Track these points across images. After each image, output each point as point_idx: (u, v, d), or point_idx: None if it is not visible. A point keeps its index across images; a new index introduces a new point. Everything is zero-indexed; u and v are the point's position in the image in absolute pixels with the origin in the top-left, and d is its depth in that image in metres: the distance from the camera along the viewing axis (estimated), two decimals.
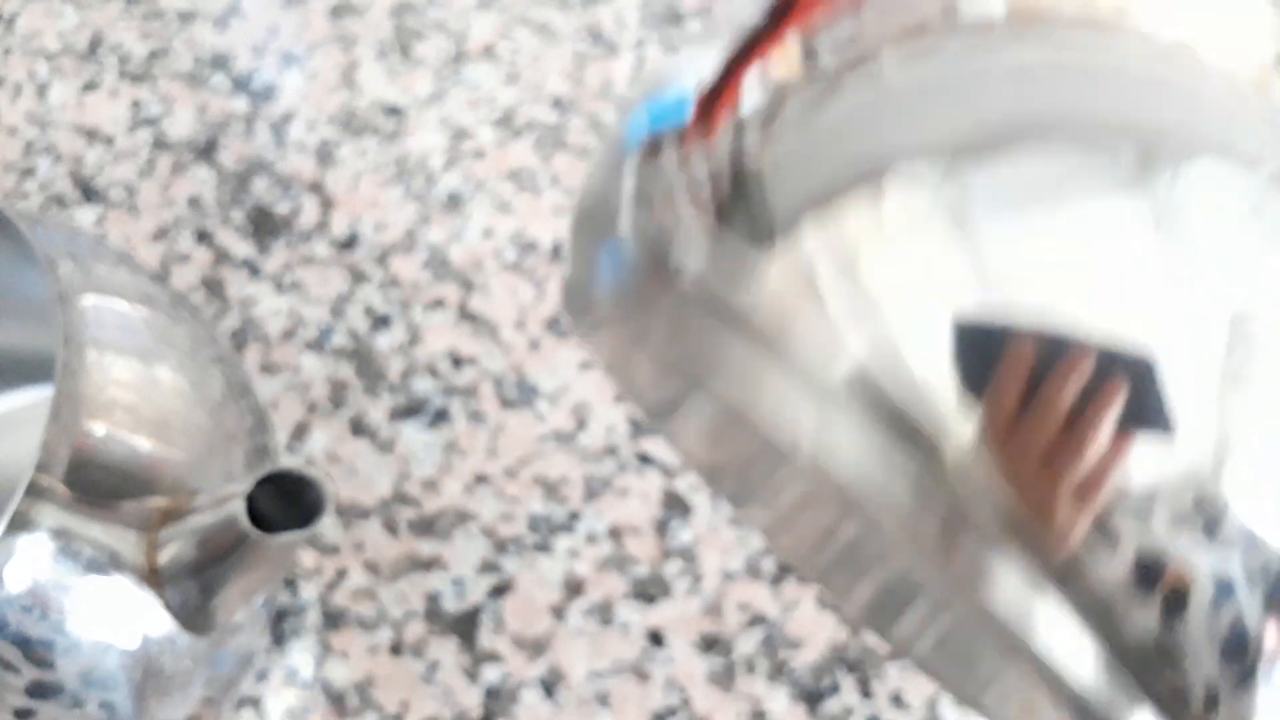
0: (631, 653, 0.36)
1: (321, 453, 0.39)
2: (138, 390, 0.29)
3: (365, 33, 0.48)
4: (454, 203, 0.44)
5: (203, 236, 0.44)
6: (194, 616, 0.28)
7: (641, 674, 0.36)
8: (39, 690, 0.27)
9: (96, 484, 0.27)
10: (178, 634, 0.28)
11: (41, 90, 0.48)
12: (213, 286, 0.43)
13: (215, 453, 0.31)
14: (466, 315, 0.42)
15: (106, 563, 0.27)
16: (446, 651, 0.36)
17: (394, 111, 0.46)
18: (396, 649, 0.36)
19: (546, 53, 0.47)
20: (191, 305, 0.35)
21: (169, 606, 0.28)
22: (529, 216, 0.43)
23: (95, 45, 0.49)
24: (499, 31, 0.48)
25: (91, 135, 0.46)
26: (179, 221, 0.44)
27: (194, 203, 0.44)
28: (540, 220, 0.43)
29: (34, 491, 0.25)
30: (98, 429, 0.27)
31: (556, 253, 0.42)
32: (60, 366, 0.27)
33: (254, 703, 0.36)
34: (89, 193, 0.45)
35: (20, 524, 0.25)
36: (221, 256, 0.43)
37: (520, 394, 0.40)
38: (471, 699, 0.35)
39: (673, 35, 0.47)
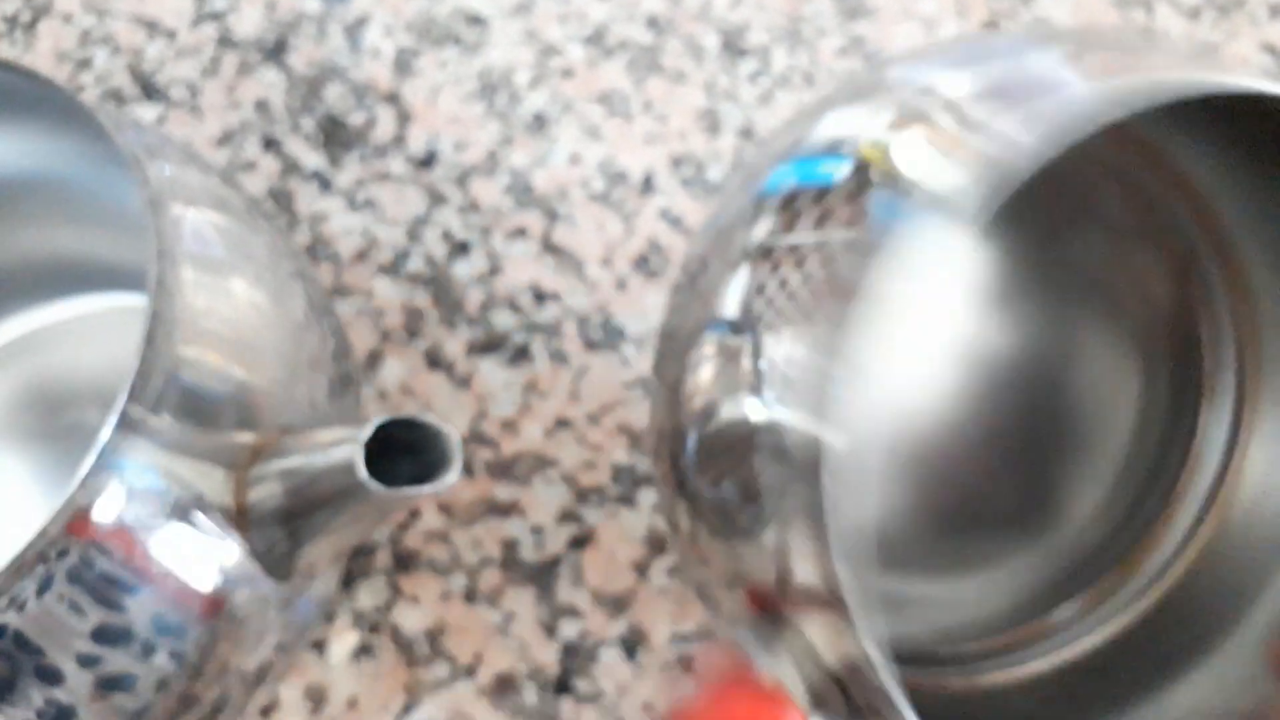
0: None
1: (395, 385, 0.37)
2: (226, 311, 0.27)
3: None
4: (539, 124, 0.41)
5: (270, 144, 0.41)
6: (279, 562, 0.26)
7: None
8: (105, 635, 0.25)
9: (187, 415, 0.25)
10: (260, 580, 0.26)
11: None
12: (280, 199, 0.40)
13: (299, 379, 0.29)
14: (550, 247, 0.39)
15: (192, 502, 0.25)
16: (523, 603, 0.34)
17: (477, 21, 0.43)
18: (470, 596, 0.34)
19: None
20: (269, 215, 0.32)
21: (254, 552, 0.26)
22: (619, 144, 0.41)
23: None
24: None
25: (152, 27, 0.43)
26: (245, 126, 0.41)
27: (261, 107, 0.42)
28: (631, 149, 0.40)
29: (125, 424, 0.23)
30: (189, 354, 0.25)
31: (647, 185, 0.40)
32: (154, 284, 0.24)
33: (318, 646, 0.34)
34: (149, 90, 0.42)
35: (110, 458, 0.23)
36: (290, 167, 0.40)
37: (605, 335, 0.38)
38: (549, 655, 0.34)
39: None
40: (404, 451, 0.24)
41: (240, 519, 0.26)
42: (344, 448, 0.23)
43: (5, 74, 0.28)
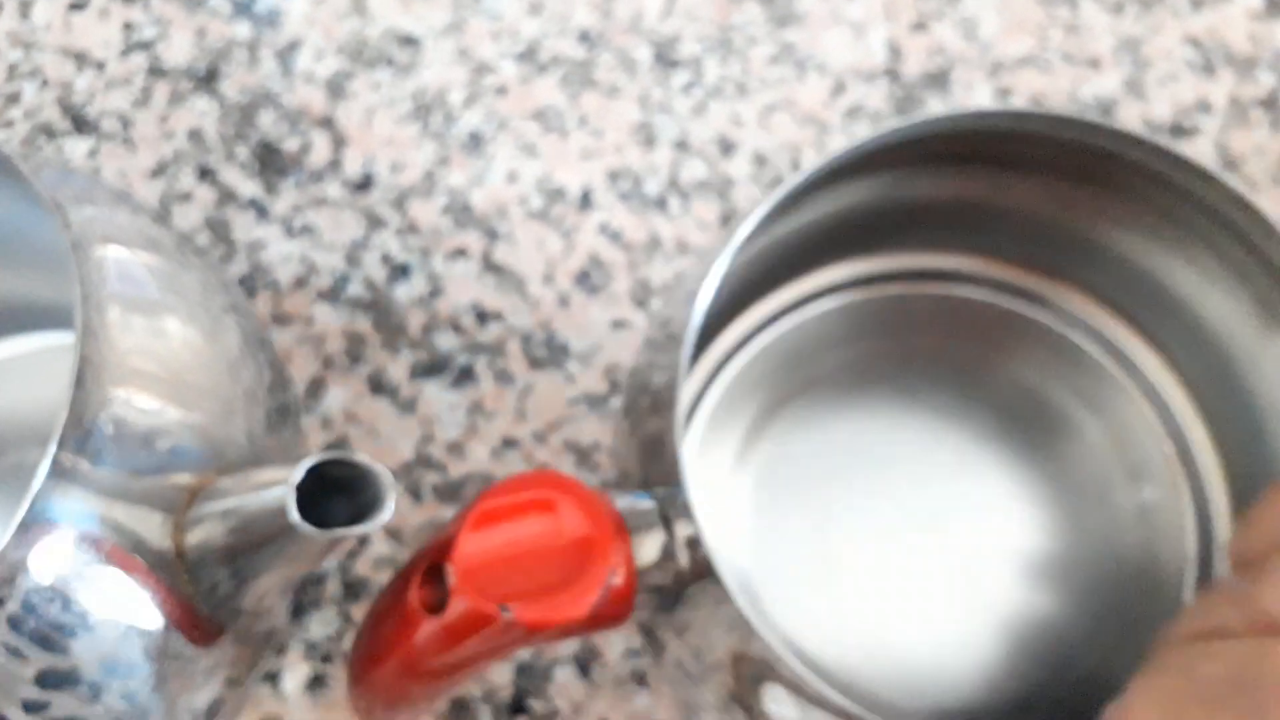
0: None
1: (339, 412, 0.37)
2: (158, 350, 0.27)
3: None
4: (475, 143, 0.41)
5: (205, 173, 0.41)
6: (221, 603, 0.26)
7: None
8: (51, 680, 0.25)
9: (120, 459, 0.25)
10: (205, 624, 0.26)
11: (24, 8, 0.44)
12: (217, 228, 0.40)
13: (235, 415, 0.29)
14: (491, 266, 0.39)
15: (130, 546, 0.25)
16: None
17: (409, 41, 0.43)
18: None
19: None
20: (199, 249, 0.32)
21: (199, 593, 0.26)
22: (556, 160, 0.41)
23: None
24: None
25: (81, 59, 0.43)
26: (179, 156, 0.41)
27: (195, 136, 0.41)
28: (568, 165, 0.41)
29: (57, 471, 0.23)
30: (120, 396, 0.25)
31: (585, 200, 0.40)
32: (80, 328, 0.24)
33: (272, 677, 0.34)
34: (79, 123, 0.42)
35: (42, 507, 0.23)
36: (226, 196, 0.40)
37: (549, 353, 0.38)
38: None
39: None
40: (340, 489, 0.24)
41: (179, 561, 0.26)
42: (276, 489, 0.23)
43: None
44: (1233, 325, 0.32)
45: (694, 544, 0.24)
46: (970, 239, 0.35)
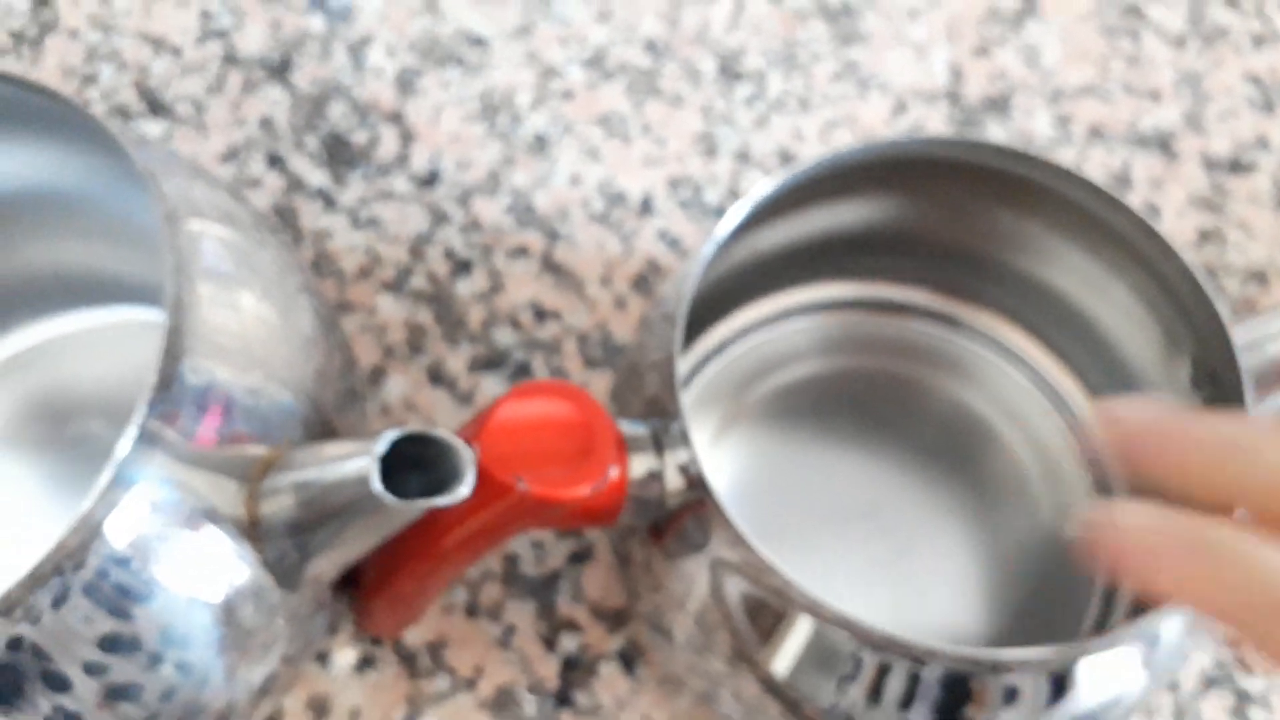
0: None
1: (398, 400, 0.38)
2: (236, 325, 0.28)
3: None
4: (540, 145, 0.42)
5: (275, 161, 0.42)
6: (289, 573, 0.27)
7: None
8: (113, 644, 0.26)
9: (200, 429, 0.26)
10: (270, 591, 0.27)
11: None
12: (285, 215, 0.41)
13: (306, 392, 0.29)
14: (550, 266, 0.40)
15: (205, 513, 0.25)
16: (523, 616, 0.35)
17: (478, 42, 0.44)
18: (471, 610, 0.35)
19: None
20: (275, 227, 0.33)
21: (265, 562, 0.26)
22: (618, 165, 0.41)
23: None
24: None
25: (158, 44, 0.44)
26: (250, 143, 0.42)
27: (266, 124, 0.42)
28: (629, 171, 0.41)
29: (143, 437, 0.24)
30: (203, 368, 0.26)
31: (646, 206, 0.41)
32: (171, 300, 0.25)
33: (322, 657, 0.34)
34: (155, 106, 0.43)
35: (126, 470, 0.24)
36: (295, 184, 0.41)
37: (605, 353, 0.38)
38: (549, 668, 0.34)
39: None
40: (412, 466, 0.24)
41: (252, 530, 0.26)
42: (358, 460, 0.23)
43: (19, 90, 0.28)
44: (1142, 352, 0.34)
45: (685, 468, 0.27)
46: (907, 269, 0.37)
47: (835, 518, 0.35)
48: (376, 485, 0.22)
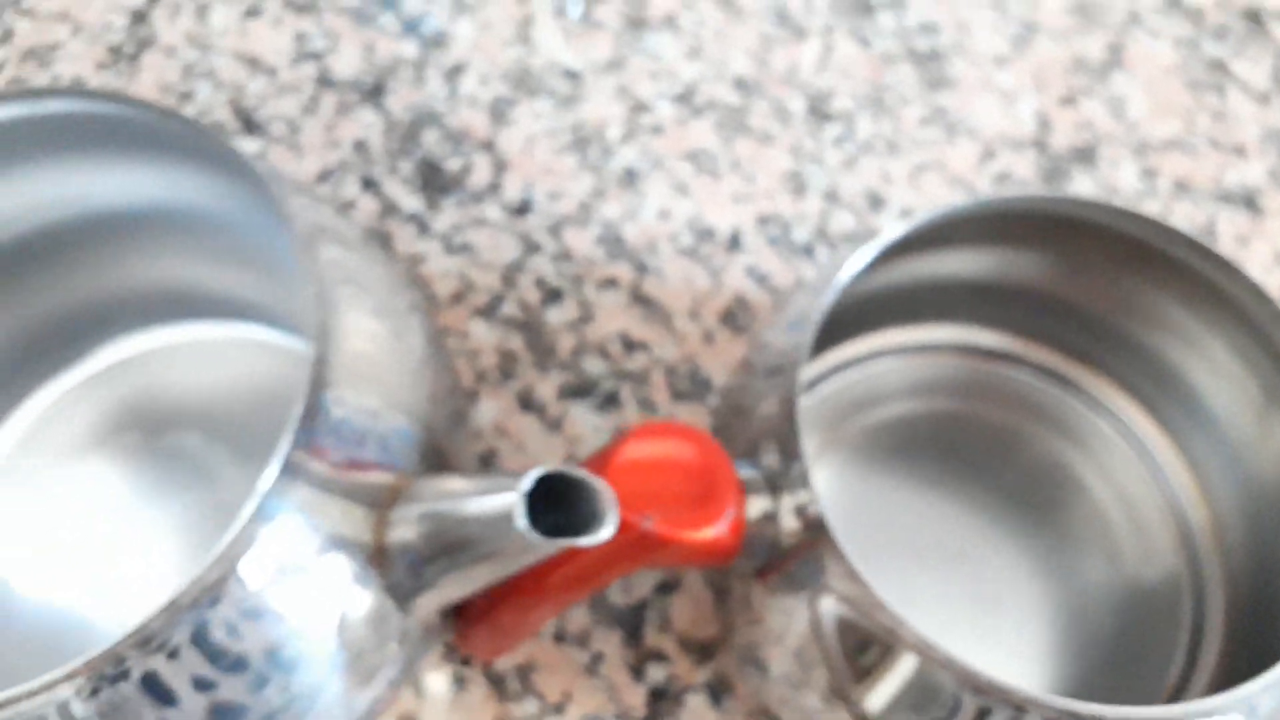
0: None
1: (490, 425, 0.38)
2: (360, 347, 0.28)
3: None
4: (630, 178, 0.42)
5: (369, 184, 0.42)
6: (408, 598, 0.27)
7: None
8: (231, 664, 0.26)
9: (335, 457, 0.26)
10: (391, 616, 0.27)
11: (202, 11, 0.46)
12: (379, 240, 0.41)
13: (419, 417, 0.29)
14: (639, 298, 0.40)
15: (334, 541, 0.26)
16: (611, 644, 0.35)
17: (570, 75, 0.44)
18: (560, 636, 0.35)
19: (731, 30, 0.45)
20: (382, 238, 0.33)
21: (389, 588, 0.27)
22: (707, 201, 0.42)
23: None
24: (682, 1, 0.46)
25: (253, 64, 0.45)
26: (344, 165, 0.43)
27: (360, 147, 0.43)
28: (718, 206, 0.42)
29: (286, 469, 0.24)
30: (340, 395, 0.26)
31: (734, 242, 0.41)
32: (317, 329, 0.25)
33: (412, 679, 0.35)
34: (249, 124, 0.44)
35: (268, 505, 0.24)
36: (389, 208, 0.42)
37: (693, 386, 0.39)
38: (635, 697, 0.34)
39: (863, 26, 0.45)
40: (540, 501, 0.25)
41: (378, 557, 0.27)
42: (502, 496, 0.24)
43: (146, 112, 0.29)
44: (1237, 408, 0.34)
45: (803, 510, 0.27)
46: (999, 316, 0.38)
47: (923, 560, 0.35)
48: (521, 523, 0.23)
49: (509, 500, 0.23)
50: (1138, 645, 0.35)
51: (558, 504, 0.25)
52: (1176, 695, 0.35)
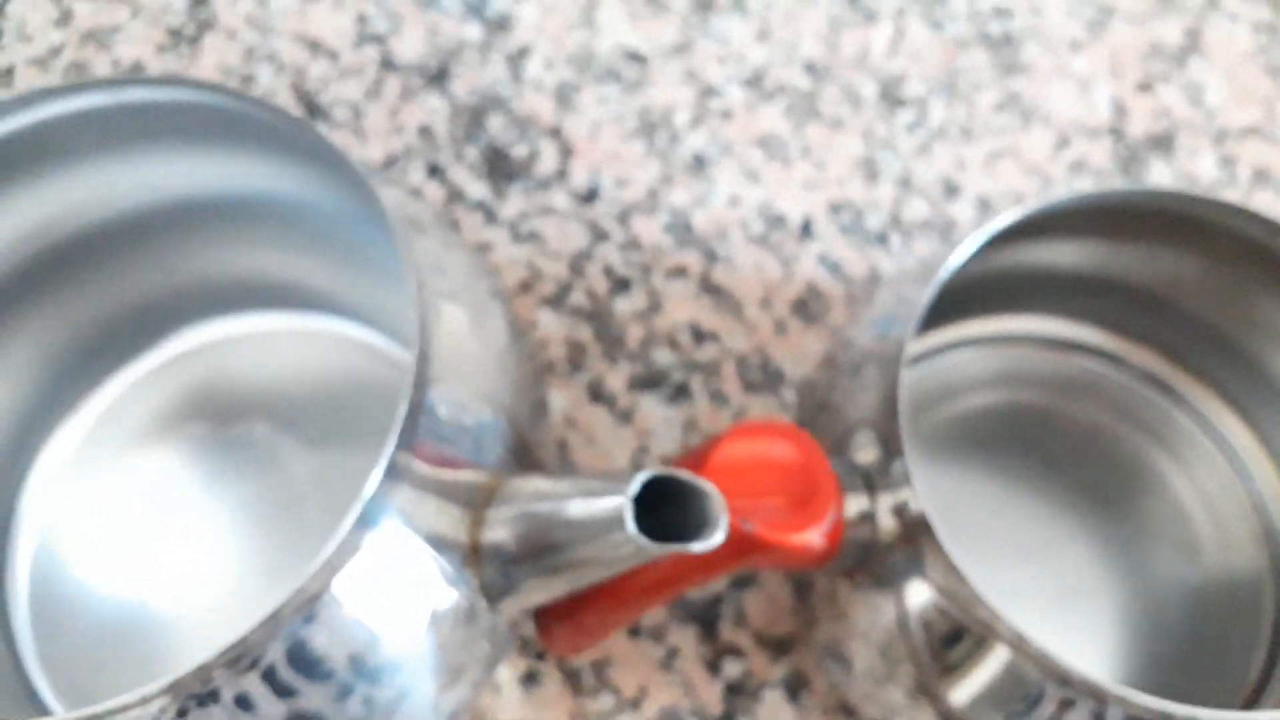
0: None
1: (559, 416, 0.38)
2: (454, 340, 0.28)
3: None
4: (699, 165, 0.42)
5: (434, 171, 0.42)
6: (500, 597, 0.27)
7: None
8: (324, 672, 0.26)
9: (433, 455, 0.26)
10: (483, 615, 0.27)
11: None
12: (454, 226, 0.41)
13: (504, 409, 0.29)
14: (709, 287, 0.40)
15: (431, 540, 0.26)
16: (686, 639, 0.35)
17: (636, 58, 0.44)
18: (635, 631, 0.35)
19: (800, 12, 0.44)
20: (455, 224, 0.33)
21: (483, 587, 0.27)
22: (777, 187, 0.41)
23: None
24: None
25: (315, 47, 0.44)
26: (409, 151, 0.42)
27: (425, 133, 0.42)
28: (789, 193, 0.41)
29: (390, 471, 0.24)
30: (438, 392, 0.26)
31: (806, 230, 0.41)
32: (420, 326, 0.25)
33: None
34: (313, 109, 0.43)
35: (371, 510, 0.24)
36: (455, 195, 0.41)
37: (765, 377, 0.38)
38: (711, 693, 0.34)
39: (935, 9, 0.44)
40: (654, 503, 0.24)
41: (473, 556, 0.26)
42: (608, 499, 0.23)
43: (241, 103, 0.28)
44: None
45: (902, 508, 0.27)
46: (1083, 308, 0.37)
47: (1003, 554, 0.35)
48: (630, 527, 0.22)
49: (615, 504, 0.23)
50: (1217, 644, 0.35)
51: (657, 505, 0.25)
52: (1256, 695, 0.35)
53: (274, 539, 0.36)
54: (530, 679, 0.35)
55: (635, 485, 0.23)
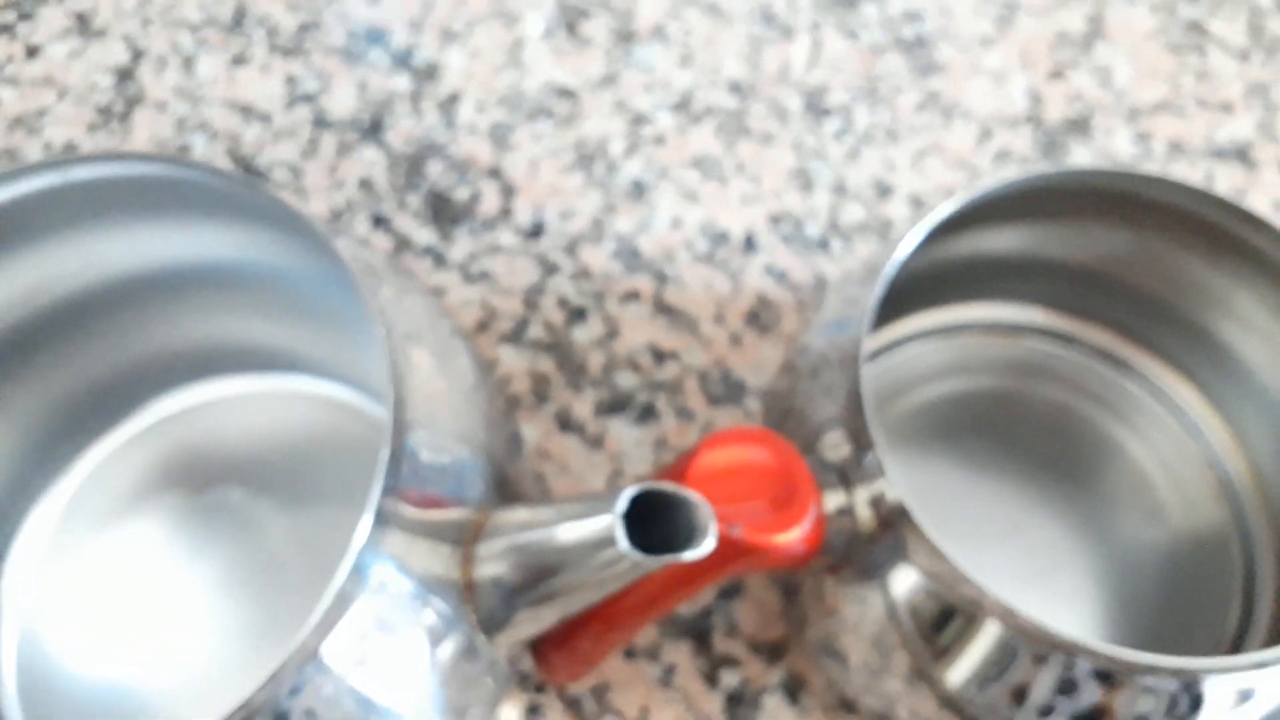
0: None
1: (532, 449, 0.38)
2: (424, 383, 0.28)
3: (526, 9, 0.46)
4: (638, 191, 0.43)
5: (379, 221, 0.42)
6: (497, 630, 0.27)
7: None
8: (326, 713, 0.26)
9: (416, 497, 0.26)
10: (484, 649, 0.27)
11: (188, 64, 0.46)
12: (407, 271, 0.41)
13: (480, 445, 0.29)
14: (663, 308, 0.41)
15: (424, 583, 0.26)
16: (681, 655, 0.35)
17: (566, 94, 0.45)
18: (630, 653, 0.35)
19: (719, 35, 0.46)
20: (408, 270, 0.33)
21: (480, 622, 0.27)
22: (717, 206, 0.42)
23: (240, 17, 0.47)
24: (667, 12, 0.46)
25: (246, 111, 0.45)
26: (352, 205, 0.43)
27: (365, 185, 0.43)
28: (729, 210, 0.42)
29: (379, 518, 0.24)
30: (416, 435, 0.26)
31: (749, 243, 0.42)
32: (393, 372, 0.25)
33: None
34: (252, 172, 0.43)
35: (363, 559, 0.24)
36: (403, 243, 0.42)
37: (727, 389, 0.39)
38: (713, 705, 0.35)
39: (848, 19, 0.46)
40: (643, 520, 0.25)
41: (467, 593, 0.27)
42: (596, 519, 0.24)
43: (189, 171, 0.28)
44: (1271, 365, 0.35)
45: (879, 500, 0.28)
46: (1026, 290, 0.39)
47: (976, 537, 0.36)
48: (623, 544, 0.23)
49: (605, 523, 0.24)
50: (1192, 601, 0.36)
51: (642, 522, 0.25)
52: (1236, 645, 0.36)
53: (258, 603, 0.36)
54: (533, 712, 0.35)
55: (623, 502, 0.23)
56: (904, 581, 0.29)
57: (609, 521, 0.23)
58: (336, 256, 0.27)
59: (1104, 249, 0.35)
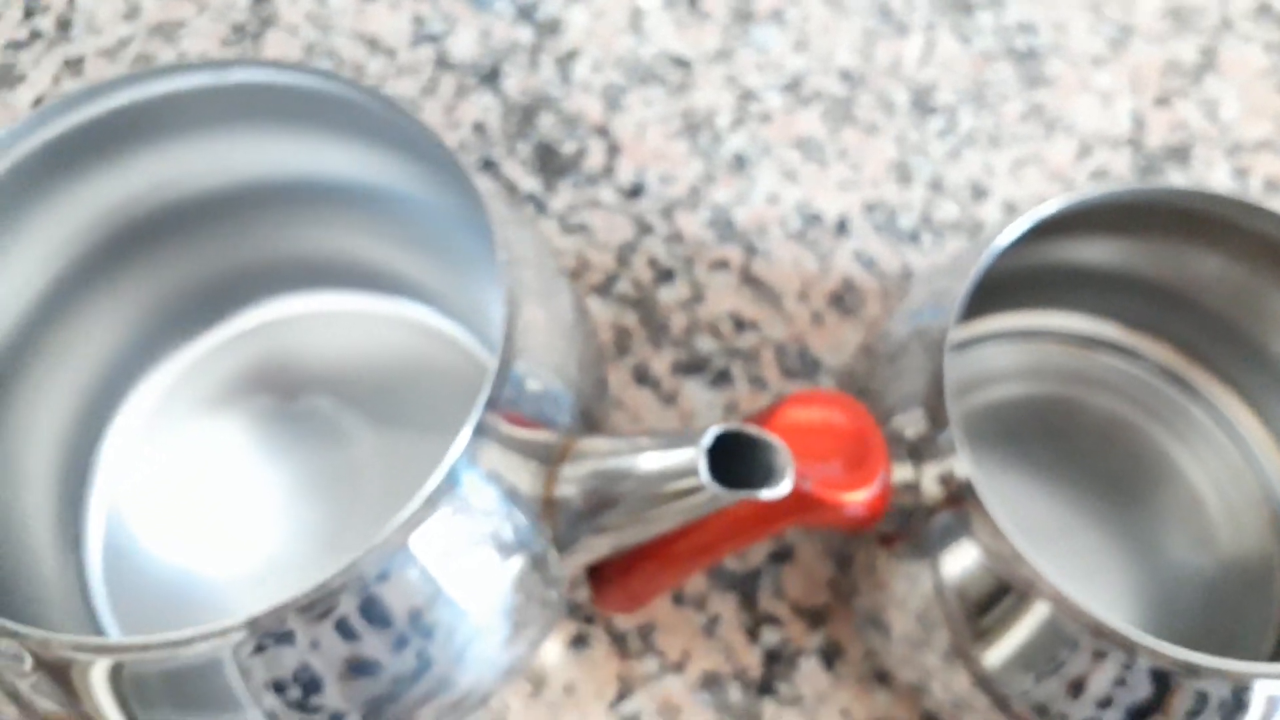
0: None
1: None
2: (531, 314, 0.29)
3: None
4: (739, 164, 0.44)
5: (488, 165, 0.44)
6: (569, 551, 0.29)
7: None
8: (393, 620, 0.27)
9: (515, 416, 0.28)
10: (556, 566, 0.29)
11: None
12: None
13: (573, 382, 0.31)
14: (749, 279, 0.42)
15: (509, 496, 0.28)
16: (727, 608, 0.37)
17: (680, 63, 0.46)
18: (678, 599, 0.37)
19: (835, 24, 0.47)
20: (521, 200, 0.34)
21: (555, 540, 0.29)
22: (814, 187, 0.43)
23: None
24: None
25: (373, 45, 0.46)
26: (464, 146, 0.44)
27: (479, 129, 0.45)
28: (825, 193, 0.43)
29: (478, 429, 0.26)
30: (521, 360, 0.28)
31: (841, 227, 0.43)
32: (509, 293, 0.27)
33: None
34: None
35: (459, 466, 0.26)
36: (508, 188, 0.43)
37: (803, 365, 0.41)
38: (751, 658, 0.36)
39: (963, 24, 0.47)
40: (724, 459, 0.26)
41: (547, 509, 0.28)
42: (681, 451, 0.25)
43: (346, 89, 0.30)
44: None
45: (947, 477, 0.29)
46: (1099, 304, 0.39)
47: (1028, 533, 0.37)
48: (705, 475, 0.24)
49: (687, 455, 0.25)
50: (1230, 626, 0.37)
51: (720, 464, 0.27)
52: None
53: (332, 510, 0.38)
54: (579, 641, 0.36)
55: (709, 437, 0.25)
56: (957, 561, 0.30)
57: (692, 454, 0.25)
58: (472, 185, 0.28)
59: (1188, 272, 0.36)
